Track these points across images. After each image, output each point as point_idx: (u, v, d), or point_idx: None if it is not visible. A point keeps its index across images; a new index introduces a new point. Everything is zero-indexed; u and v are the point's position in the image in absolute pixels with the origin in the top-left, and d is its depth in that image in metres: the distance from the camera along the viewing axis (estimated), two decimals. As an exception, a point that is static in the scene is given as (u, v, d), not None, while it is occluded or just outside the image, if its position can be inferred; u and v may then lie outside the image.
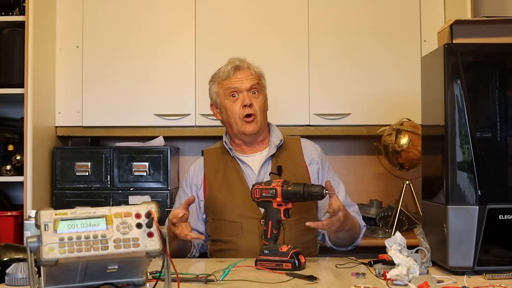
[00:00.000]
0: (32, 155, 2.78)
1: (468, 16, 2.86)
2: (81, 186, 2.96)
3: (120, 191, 2.95)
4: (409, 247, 1.62)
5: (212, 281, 1.56)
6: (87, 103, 3.10)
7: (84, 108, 3.10)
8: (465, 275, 1.61)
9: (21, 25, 2.82)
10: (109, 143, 3.28)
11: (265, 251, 1.79)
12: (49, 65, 3.05)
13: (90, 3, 3.13)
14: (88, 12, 3.12)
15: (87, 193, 2.95)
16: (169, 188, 2.96)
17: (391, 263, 1.58)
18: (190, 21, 3.12)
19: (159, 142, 3.07)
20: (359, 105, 3.09)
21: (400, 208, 2.95)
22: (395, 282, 1.51)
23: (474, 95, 1.69)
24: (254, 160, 2.18)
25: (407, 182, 2.94)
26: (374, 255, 1.77)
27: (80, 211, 1.32)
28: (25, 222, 1.84)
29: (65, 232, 1.28)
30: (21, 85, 2.79)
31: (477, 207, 1.64)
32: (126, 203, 2.91)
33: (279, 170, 2.07)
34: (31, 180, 2.77)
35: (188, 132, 3.13)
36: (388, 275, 1.51)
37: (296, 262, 1.74)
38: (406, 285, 1.47)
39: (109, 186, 2.96)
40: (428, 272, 1.60)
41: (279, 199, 1.83)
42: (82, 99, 3.10)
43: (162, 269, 1.37)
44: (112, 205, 2.87)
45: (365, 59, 3.10)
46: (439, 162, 1.73)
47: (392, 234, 1.77)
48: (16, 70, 2.85)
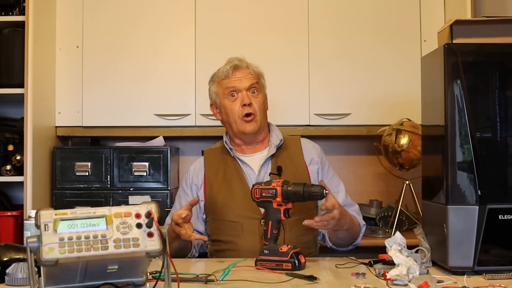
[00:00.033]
0: (32, 155, 2.78)
1: (468, 16, 2.86)
2: (81, 186, 2.96)
3: (120, 191, 2.95)
4: (409, 247, 1.62)
5: (212, 281, 1.56)
6: (87, 103, 3.10)
7: (84, 108, 3.10)
8: (465, 275, 1.61)
9: (21, 25, 2.82)
10: (109, 143, 3.28)
11: (265, 251, 1.79)
12: (49, 65, 3.05)
13: (90, 3, 3.13)
14: (88, 12, 3.12)
15: (87, 193, 2.95)
16: (169, 188, 2.95)
17: (391, 263, 1.58)
18: (190, 21, 3.12)
19: (159, 142, 3.07)
20: (359, 105, 3.09)
21: (400, 208, 2.94)
22: (395, 282, 1.51)
23: (474, 95, 1.69)
24: (254, 160, 2.18)
25: (407, 182, 2.94)
26: (374, 255, 1.77)
27: (80, 211, 1.32)
28: (25, 222, 1.83)
29: (65, 232, 1.28)
30: (21, 85, 2.79)
31: (477, 207, 1.64)
32: (126, 203, 2.90)
33: (279, 170, 2.07)
34: (31, 180, 2.76)
35: (188, 132, 3.13)
36: (388, 275, 1.51)
37: (296, 262, 1.74)
38: (406, 285, 1.47)
39: (109, 186, 2.96)
40: (428, 272, 1.59)
41: (279, 199, 1.83)
42: (82, 99, 3.10)
43: (162, 269, 1.37)
44: (112, 205, 2.87)
45: (365, 59, 3.10)
46: (439, 162, 1.73)
47: (392, 234, 1.77)
48: (16, 70, 2.85)
